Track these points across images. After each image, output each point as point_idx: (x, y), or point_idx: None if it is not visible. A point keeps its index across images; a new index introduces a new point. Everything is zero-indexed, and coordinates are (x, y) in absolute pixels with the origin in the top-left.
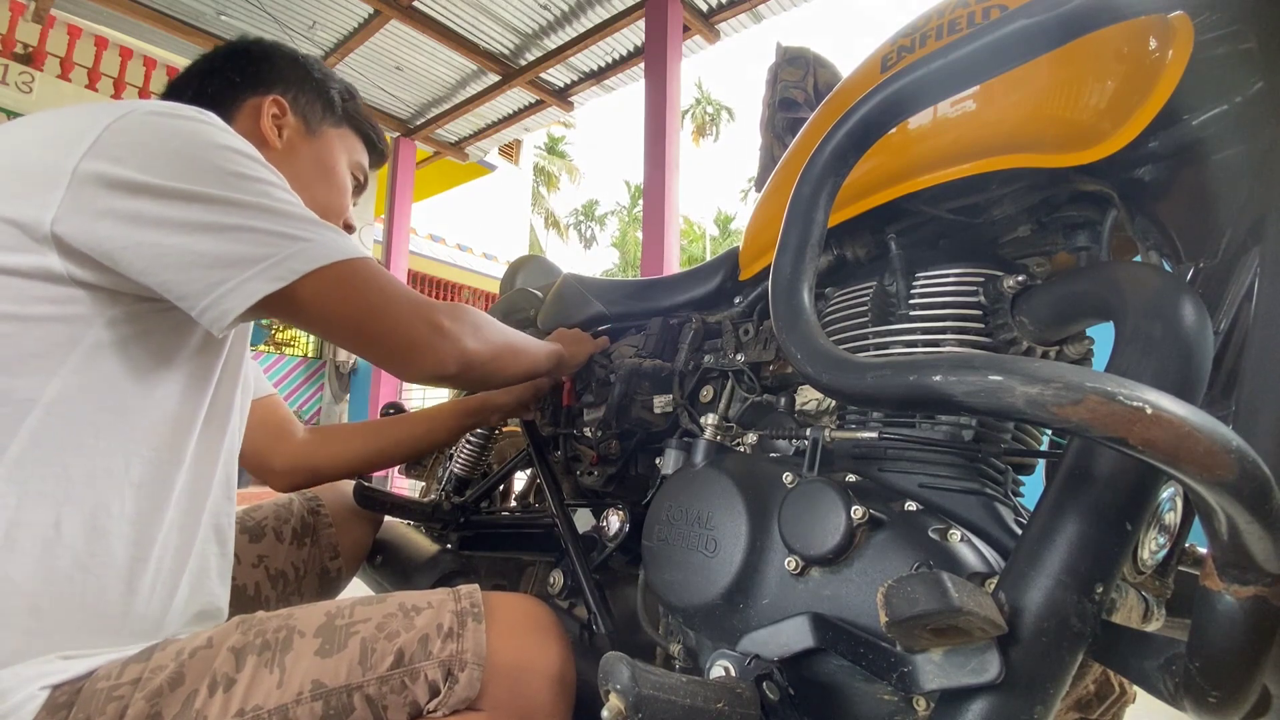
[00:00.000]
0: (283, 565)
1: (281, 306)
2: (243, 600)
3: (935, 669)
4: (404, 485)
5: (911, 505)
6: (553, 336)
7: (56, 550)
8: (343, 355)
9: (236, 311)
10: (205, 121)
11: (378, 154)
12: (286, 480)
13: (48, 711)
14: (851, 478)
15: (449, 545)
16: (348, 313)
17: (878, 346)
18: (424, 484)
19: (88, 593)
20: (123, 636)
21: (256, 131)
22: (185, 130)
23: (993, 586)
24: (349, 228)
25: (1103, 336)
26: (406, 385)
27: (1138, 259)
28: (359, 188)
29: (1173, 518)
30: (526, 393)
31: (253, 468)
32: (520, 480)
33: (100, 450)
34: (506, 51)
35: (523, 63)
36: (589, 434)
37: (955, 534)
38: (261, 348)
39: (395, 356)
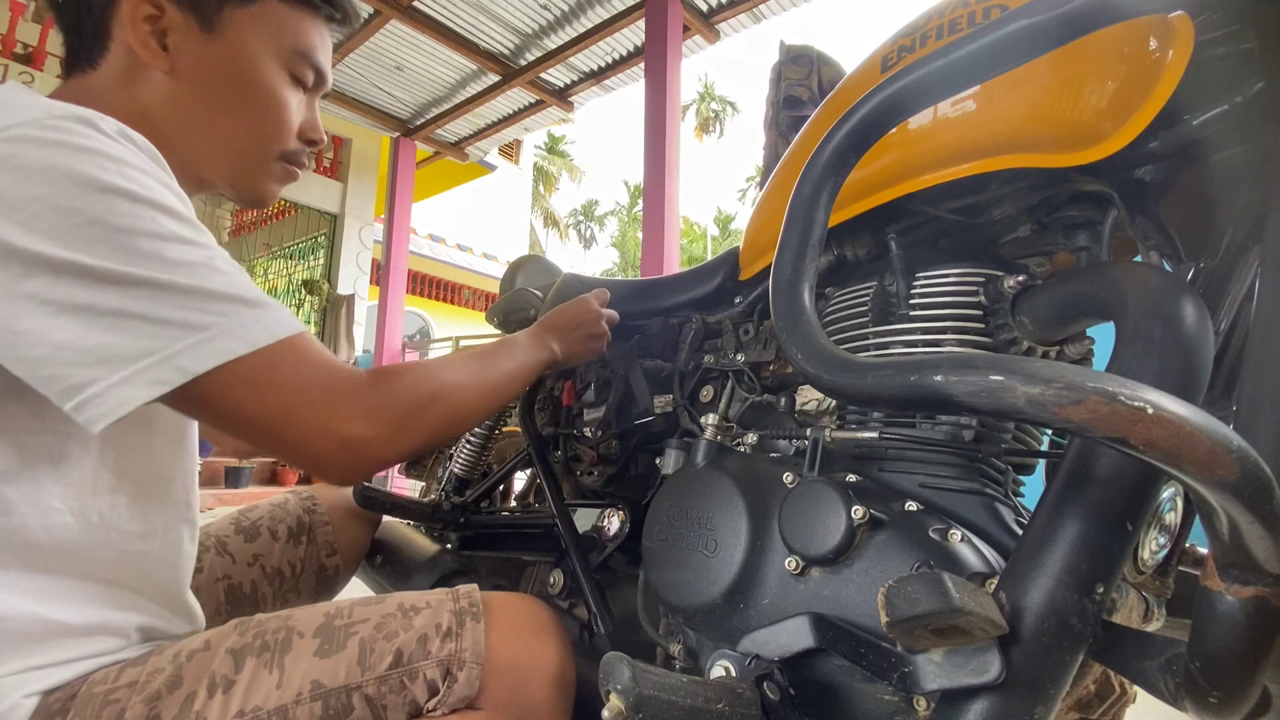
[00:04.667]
0: (278, 563)
1: (167, 403)
2: (239, 598)
3: (936, 669)
4: (404, 485)
5: (912, 505)
6: (545, 322)
7: None
8: (343, 355)
9: (110, 418)
10: (78, 146)
11: (336, 17)
12: None
13: (41, 717)
14: (852, 478)
15: (449, 545)
16: (245, 418)
17: (878, 346)
18: (424, 484)
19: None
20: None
21: (130, 59)
22: (52, 166)
23: (993, 586)
24: (311, 143)
25: (1103, 336)
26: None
27: (1138, 259)
28: (314, 85)
29: (1173, 518)
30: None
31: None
32: (520, 480)
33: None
34: (506, 51)
35: (523, 63)
36: (589, 434)
37: (956, 534)
38: None
39: (304, 467)
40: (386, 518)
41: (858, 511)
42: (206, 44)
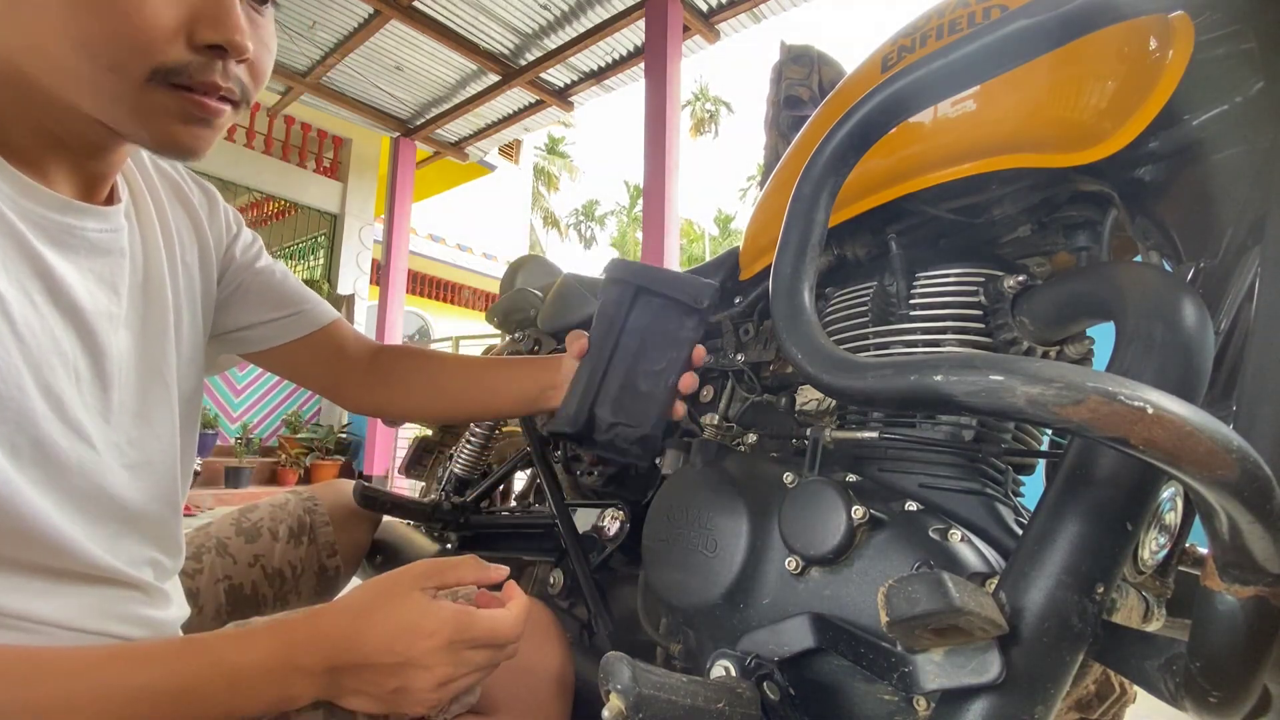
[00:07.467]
0: (279, 564)
1: None
2: (240, 599)
3: (936, 669)
4: (404, 485)
5: (912, 505)
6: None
7: None
8: None
9: None
10: None
11: None
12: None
13: None
14: (852, 478)
15: (449, 545)
16: None
17: (878, 346)
18: (424, 484)
19: None
20: None
21: None
22: None
23: (993, 586)
24: (214, 47)
25: (1103, 336)
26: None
27: (1138, 259)
28: None
29: (1173, 518)
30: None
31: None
32: (520, 480)
33: None
34: (506, 51)
35: (523, 63)
36: None
37: (956, 534)
38: None
39: None
40: (386, 518)
41: (858, 511)
42: None
